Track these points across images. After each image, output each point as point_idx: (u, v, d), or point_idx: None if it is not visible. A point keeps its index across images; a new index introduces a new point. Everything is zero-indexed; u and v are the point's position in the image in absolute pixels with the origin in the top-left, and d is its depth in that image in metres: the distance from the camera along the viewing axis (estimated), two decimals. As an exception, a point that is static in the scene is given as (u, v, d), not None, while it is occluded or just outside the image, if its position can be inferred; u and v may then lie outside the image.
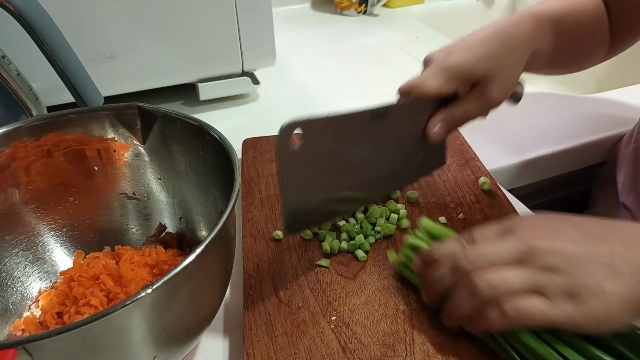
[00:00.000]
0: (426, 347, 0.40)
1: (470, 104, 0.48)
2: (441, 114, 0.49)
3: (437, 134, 0.49)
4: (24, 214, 0.46)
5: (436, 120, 0.48)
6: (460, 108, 0.48)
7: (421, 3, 1.20)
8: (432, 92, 0.47)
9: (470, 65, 0.47)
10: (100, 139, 0.47)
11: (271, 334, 0.41)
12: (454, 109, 0.48)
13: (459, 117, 0.49)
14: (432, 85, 0.47)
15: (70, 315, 0.42)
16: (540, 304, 0.35)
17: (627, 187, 0.63)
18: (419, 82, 0.47)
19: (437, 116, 0.49)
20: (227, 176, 0.39)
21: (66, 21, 0.51)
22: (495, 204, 0.54)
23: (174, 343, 0.35)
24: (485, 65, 0.47)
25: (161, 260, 0.45)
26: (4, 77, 0.50)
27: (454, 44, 0.50)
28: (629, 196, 0.63)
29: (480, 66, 0.47)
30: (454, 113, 0.48)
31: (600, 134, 0.70)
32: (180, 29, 0.69)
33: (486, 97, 0.48)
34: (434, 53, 0.50)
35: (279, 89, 0.85)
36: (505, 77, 0.48)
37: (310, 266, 0.48)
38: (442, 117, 0.48)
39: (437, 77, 0.47)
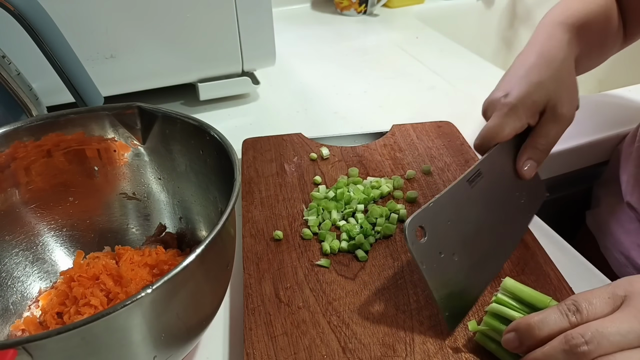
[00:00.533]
0: (426, 347, 0.40)
1: (547, 130, 0.48)
2: (526, 151, 0.48)
3: (529, 171, 0.48)
4: (24, 214, 0.46)
5: (523, 157, 0.48)
6: (541, 138, 0.48)
7: (421, 3, 1.20)
8: (508, 134, 0.47)
9: (533, 96, 0.47)
10: (100, 139, 0.47)
11: (271, 334, 0.41)
12: (535, 141, 0.48)
13: (543, 147, 0.48)
14: (506, 129, 0.46)
15: (70, 315, 0.42)
16: None
17: (631, 186, 0.63)
18: (493, 130, 0.47)
19: (522, 155, 0.48)
20: (227, 176, 0.39)
21: (66, 21, 0.51)
22: (495, 204, 0.54)
23: (174, 343, 0.35)
24: (545, 92, 0.47)
25: (161, 260, 0.45)
26: (4, 77, 0.50)
27: (505, 81, 0.50)
28: (634, 195, 0.63)
29: (541, 95, 0.47)
30: (538, 145, 0.48)
31: (600, 133, 0.70)
32: (180, 29, 0.69)
33: (558, 117, 0.48)
34: (490, 98, 0.49)
35: (279, 89, 0.85)
36: (568, 93, 0.48)
37: (310, 266, 0.48)
38: (528, 154, 0.48)
39: (508, 118, 0.46)
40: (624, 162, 0.67)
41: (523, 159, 0.48)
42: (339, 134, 0.67)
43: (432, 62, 0.91)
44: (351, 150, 0.63)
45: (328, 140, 0.66)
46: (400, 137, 0.66)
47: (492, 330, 0.39)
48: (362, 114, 0.77)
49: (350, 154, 0.63)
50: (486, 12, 1.24)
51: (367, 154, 0.63)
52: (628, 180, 0.64)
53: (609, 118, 0.73)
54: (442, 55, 0.95)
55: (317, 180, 0.58)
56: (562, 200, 0.76)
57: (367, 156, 0.62)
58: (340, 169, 0.60)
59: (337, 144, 0.65)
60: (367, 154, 0.63)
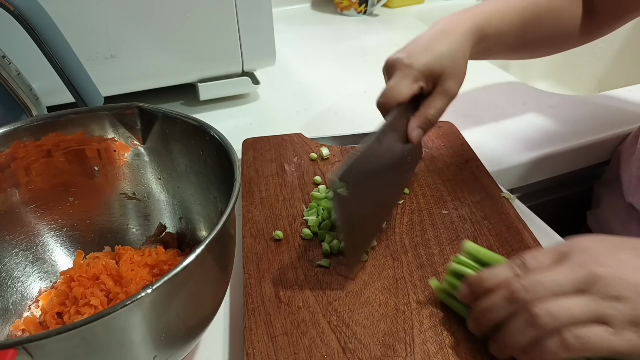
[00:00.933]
0: (426, 347, 0.40)
1: (437, 102, 0.53)
2: (417, 118, 0.53)
3: (417, 136, 0.53)
4: (24, 214, 0.46)
5: (414, 124, 0.53)
6: (431, 109, 0.53)
7: (421, 3, 1.20)
8: (406, 95, 0.51)
9: (429, 64, 0.51)
10: (100, 139, 0.47)
11: (271, 334, 0.41)
12: (426, 111, 0.53)
13: (432, 117, 0.53)
14: (404, 90, 0.51)
15: (70, 315, 0.42)
16: (604, 333, 0.34)
17: (633, 187, 0.63)
18: (393, 90, 0.51)
19: (413, 121, 0.53)
20: (227, 176, 0.39)
21: (66, 21, 0.51)
22: (496, 205, 0.54)
23: (174, 343, 0.35)
24: (440, 64, 0.52)
25: (161, 260, 0.45)
26: (4, 77, 0.50)
27: (409, 46, 0.54)
28: (636, 196, 0.63)
29: (436, 63, 0.52)
30: (427, 115, 0.53)
31: (600, 134, 0.70)
32: (180, 29, 0.69)
33: (447, 91, 0.52)
34: (394, 57, 0.54)
35: (279, 89, 0.85)
36: (458, 69, 0.53)
37: (310, 266, 0.48)
38: (419, 121, 0.53)
39: (405, 80, 0.51)
40: (625, 162, 0.67)
41: (414, 125, 0.53)
42: (339, 134, 0.67)
43: (432, 62, 0.91)
44: (351, 150, 0.63)
45: (328, 140, 0.66)
46: (400, 137, 0.66)
47: (452, 288, 0.42)
48: (362, 114, 0.77)
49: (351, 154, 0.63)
50: (486, 12, 1.24)
51: (367, 154, 0.63)
52: (630, 181, 0.64)
53: (609, 118, 0.73)
54: (442, 55, 0.95)
55: (317, 180, 0.58)
56: (563, 200, 0.76)
57: (367, 156, 0.62)
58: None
59: (337, 144, 0.65)
60: (367, 154, 0.63)
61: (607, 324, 0.34)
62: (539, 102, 0.78)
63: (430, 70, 0.51)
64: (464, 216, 0.53)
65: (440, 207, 0.54)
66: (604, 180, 0.73)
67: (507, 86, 0.83)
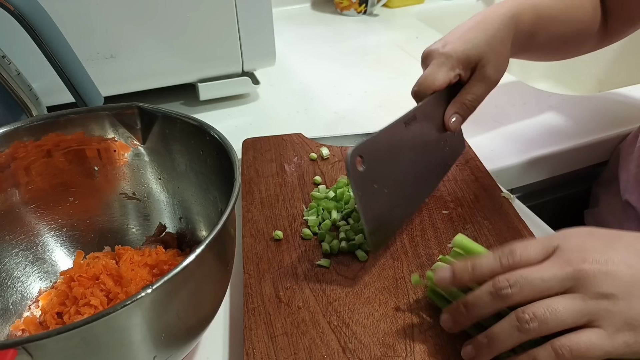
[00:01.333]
0: (426, 347, 0.40)
1: (475, 88, 0.53)
2: (453, 104, 0.53)
3: (455, 123, 0.53)
4: (24, 214, 0.46)
5: (451, 111, 0.53)
6: (469, 94, 0.53)
7: (421, 3, 1.20)
8: (443, 84, 0.51)
9: (467, 51, 0.51)
10: (100, 139, 0.47)
11: (271, 334, 0.41)
12: (463, 97, 0.53)
13: (470, 103, 0.53)
14: (440, 78, 0.51)
15: (70, 315, 0.42)
16: (596, 337, 0.33)
17: (631, 185, 0.64)
18: (428, 78, 0.51)
19: (450, 108, 0.53)
20: (227, 176, 0.39)
21: (66, 21, 0.51)
22: (496, 205, 0.54)
23: (174, 343, 0.35)
24: (478, 51, 0.52)
25: (161, 260, 0.45)
26: (4, 77, 0.50)
27: (446, 37, 0.54)
28: (633, 194, 0.63)
29: (474, 50, 0.52)
30: (465, 100, 0.53)
31: (600, 134, 0.70)
32: (180, 29, 0.69)
33: (486, 77, 0.52)
34: (430, 48, 0.54)
35: (279, 89, 0.85)
36: (497, 56, 0.53)
37: (310, 266, 0.48)
38: (455, 107, 0.53)
39: (442, 67, 0.51)
40: (624, 160, 0.67)
41: (451, 112, 0.53)
42: (339, 134, 0.67)
43: (432, 62, 0.91)
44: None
45: (328, 140, 0.66)
46: (400, 137, 0.66)
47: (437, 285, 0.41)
48: (362, 114, 0.77)
49: (350, 154, 0.63)
50: (486, 12, 1.24)
51: (367, 154, 0.63)
52: (628, 179, 0.65)
53: (609, 118, 0.73)
54: (442, 55, 0.95)
55: (317, 180, 0.58)
56: (562, 200, 0.76)
57: (367, 156, 0.62)
58: (340, 169, 0.60)
59: (337, 144, 0.65)
60: (367, 154, 0.63)
61: (599, 326, 0.33)
62: (539, 102, 0.78)
63: (467, 57, 0.51)
64: (464, 216, 0.53)
65: (440, 207, 0.54)
66: (603, 180, 0.73)
67: (507, 86, 0.83)
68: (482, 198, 0.55)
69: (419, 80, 0.52)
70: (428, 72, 0.52)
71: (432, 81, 0.51)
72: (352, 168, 0.42)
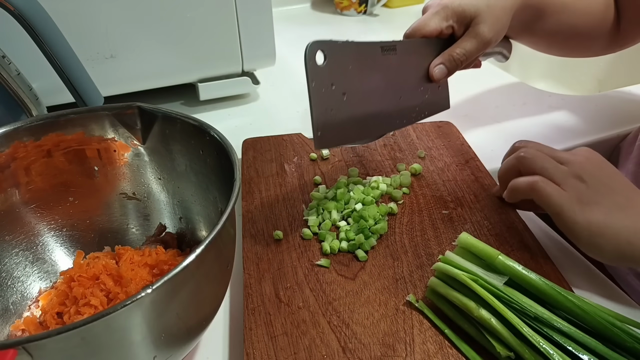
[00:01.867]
0: (426, 347, 0.40)
1: (466, 43, 0.53)
2: (442, 55, 0.54)
3: (439, 73, 0.53)
4: (24, 214, 0.46)
5: (437, 61, 0.54)
6: (458, 48, 0.53)
7: (421, 3, 1.20)
8: (433, 30, 0.52)
9: (463, 5, 0.52)
10: (100, 139, 0.47)
11: (271, 334, 0.41)
12: (452, 50, 0.53)
13: (458, 56, 0.53)
14: (432, 24, 0.52)
15: (70, 315, 0.42)
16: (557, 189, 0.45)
17: None
18: (421, 23, 0.53)
19: (438, 58, 0.54)
20: (227, 176, 0.39)
21: (66, 21, 0.51)
22: (495, 204, 0.54)
23: (174, 343, 0.35)
24: (474, 7, 0.52)
25: (161, 260, 0.45)
26: (4, 77, 0.50)
27: None
28: None
29: (471, 6, 0.52)
30: (453, 53, 0.53)
31: (600, 134, 0.70)
32: (180, 29, 0.69)
33: (479, 34, 0.52)
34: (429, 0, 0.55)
35: (279, 89, 0.85)
36: (494, 17, 0.53)
37: (310, 266, 0.48)
38: (442, 58, 0.53)
39: (436, 16, 0.52)
40: (624, 160, 0.67)
41: (437, 61, 0.54)
42: (339, 134, 0.67)
43: (432, 62, 0.91)
44: (351, 150, 0.63)
45: (328, 140, 0.66)
46: (400, 138, 0.66)
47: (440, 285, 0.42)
48: (362, 114, 0.77)
49: (350, 154, 0.63)
50: (486, 12, 1.24)
51: (367, 154, 0.63)
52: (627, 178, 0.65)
53: (609, 118, 0.74)
54: (442, 55, 0.95)
55: (317, 180, 0.58)
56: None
57: (367, 156, 0.62)
58: (340, 169, 0.60)
59: (337, 144, 0.65)
60: (367, 154, 0.63)
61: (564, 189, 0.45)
62: (539, 102, 0.78)
63: (462, 11, 0.52)
64: (464, 216, 0.53)
65: (440, 207, 0.54)
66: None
67: (507, 86, 0.83)
68: (482, 198, 0.55)
69: (413, 25, 0.53)
70: (422, 19, 0.53)
71: (423, 26, 0.52)
72: (310, 58, 0.43)
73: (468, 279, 0.40)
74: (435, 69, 0.53)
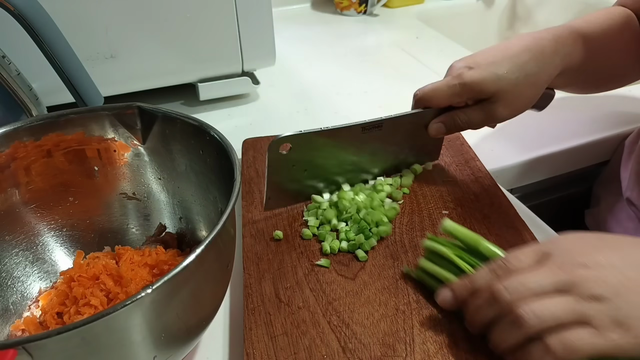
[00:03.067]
0: (426, 347, 0.40)
1: (473, 114, 0.50)
2: (445, 116, 0.51)
3: (436, 131, 0.51)
4: (24, 214, 0.46)
5: (438, 120, 0.51)
6: (464, 116, 0.50)
7: (421, 3, 1.20)
8: (443, 103, 0.49)
9: (485, 84, 0.48)
10: (100, 139, 0.47)
11: (271, 334, 0.41)
12: (457, 115, 0.50)
13: (461, 123, 0.50)
14: (443, 98, 0.49)
15: (70, 315, 0.42)
16: (587, 335, 0.34)
17: (632, 183, 0.64)
18: (432, 92, 0.49)
19: (440, 117, 0.51)
20: (227, 176, 0.39)
21: (66, 21, 0.51)
22: (495, 204, 0.54)
23: (174, 343, 0.35)
24: (497, 87, 0.48)
25: (161, 260, 0.45)
26: (4, 77, 0.50)
27: (477, 56, 0.50)
28: (634, 191, 0.63)
29: (492, 84, 0.48)
30: (456, 119, 0.50)
31: (600, 133, 0.70)
32: (180, 29, 0.69)
33: (491, 112, 0.50)
34: (458, 62, 0.51)
35: (279, 89, 0.85)
36: (515, 99, 0.49)
37: (310, 266, 0.48)
38: (444, 117, 0.50)
39: (451, 89, 0.49)
40: (626, 158, 0.67)
41: (438, 119, 0.51)
42: (339, 134, 0.67)
43: (432, 62, 0.91)
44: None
45: (328, 140, 0.66)
46: (400, 137, 0.66)
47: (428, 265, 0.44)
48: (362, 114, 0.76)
49: (350, 154, 0.63)
50: (486, 12, 1.24)
51: (367, 154, 0.63)
52: (629, 177, 0.65)
53: (609, 118, 0.74)
54: (442, 55, 0.95)
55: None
56: (562, 200, 0.76)
57: (367, 156, 0.62)
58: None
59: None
60: (367, 154, 0.63)
61: (589, 325, 0.34)
62: (539, 102, 0.77)
63: (481, 91, 0.49)
64: (464, 216, 0.53)
65: (440, 207, 0.54)
66: (603, 179, 0.73)
67: (507, 86, 0.83)
68: (482, 198, 0.55)
69: (426, 89, 0.50)
70: (437, 87, 0.49)
71: (434, 97, 0.49)
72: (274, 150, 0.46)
73: (452, 255, 0.42)
74: (433, 126, 0.51)
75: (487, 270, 0.39)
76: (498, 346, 0.38)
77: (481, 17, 1.24)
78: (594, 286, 0.35)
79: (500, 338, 0.37)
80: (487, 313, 0.38)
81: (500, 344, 0.37)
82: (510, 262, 0.39)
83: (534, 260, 0.38)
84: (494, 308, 0.37)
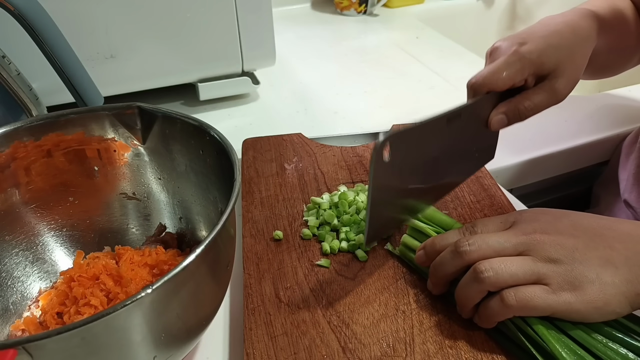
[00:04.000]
0: (426, 347, 0.40)
1: (537, 97, 0.46)
2: (506, 105, 0.47)
3: (498, 124, 0.47)
4: (24, 214, 0.46)
5: (500, 109, 0.46)
6: (527, 101, 0.46)
7: (421, 3, 1.20)
8: (505, 84, 0.45)
9: (544, 56, 0.45)
10: (100, 139, 0.47)
11: (271, 334, 0.41)
12: (520, 102, 0.46)
13: (525, 110, 0.46)
14: (505, 77, 0.45)
15: (70, 315, 0.42)
16: (541, 292, 0.37)
17: (630, 184, 0.64)
18: (492, 74, 0.45)
19: (501, 107, 0.47)
20: (227, 176, 0.39)
21: (66, 21, 0.51)
22: (495, 204, 0.54)
23: (174, 343, 0.35)
24: (556, 59, 0.46)
25: (161, 260, 0.45)
26: (4, 77, 0.50)
27: (523, 33, 0.48)
28: (632, 193, 0.63)
29: (552, 57, 0.45)
30: (520, 105, 0.46)
31: (600, 133, 0.70)
32: (180, 29, 0.69)
33: (554, 90, 0.46)
34: (502, 42, 0.48)
35: (279, 89, 0.85)
36: (574, 71, 0.47)
37: (310, 266, 0.48)
38: (506, 108, 0.46)
39: (511, 67, 0.45)
40: (624, 160, 0.67)
41: (499, 110, 0.46)
42: (339, 134, 0.67)
43: (432, 62, 0.91)
44: (351, 150, 0.63)
45: (328, 140, 0.66)
46: (400, 137, 0.65)
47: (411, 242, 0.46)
48: (362, 114, 0.77)
49: (350, 154, 0.63)
50: (486, 12, 1.24)
51: (367, 154, 0.63)
52: (627, 178, 0.65)
53: (609, 118, 0.74)
54: (442, 55, 0.95)
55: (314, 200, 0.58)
56: (562, 200, 0.76)
57: (367, 156, 0.62)
58: (340, 169, 0.60)
59: (337, 144, 0.65)
60: (367, 154, 0.63)
61: (545, 284, 0.37)
62: (539, 102, 0.77)
63: (542, 64, 0.45)
64: (464, 216, 0.53)
65: (440, 207, 0.54)
66: (603, 180, 0.73)
67: (507, 86, 0.83)
68: (482, 198, 0.55)
69: (481, 74, 0.45)
70: (494, 68, 0.45)
71: (495, 80, 0.44)
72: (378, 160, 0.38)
73: (431, 231, 0.46)
74: (494, 118, 0.46)
75: (456, 232, 0.43)
76: (463, 305, 0.40)
77: (481, 17, 1.24)
78: (550, 249, 0.38)
79: (463, 294, 0.40)
80: (449, 267, 0.41)
81: (464, 301, 0.40)
82: (477, 226, 0.42)
83: (500, 227, 0.42)
84: (456, 262, 0.40)
